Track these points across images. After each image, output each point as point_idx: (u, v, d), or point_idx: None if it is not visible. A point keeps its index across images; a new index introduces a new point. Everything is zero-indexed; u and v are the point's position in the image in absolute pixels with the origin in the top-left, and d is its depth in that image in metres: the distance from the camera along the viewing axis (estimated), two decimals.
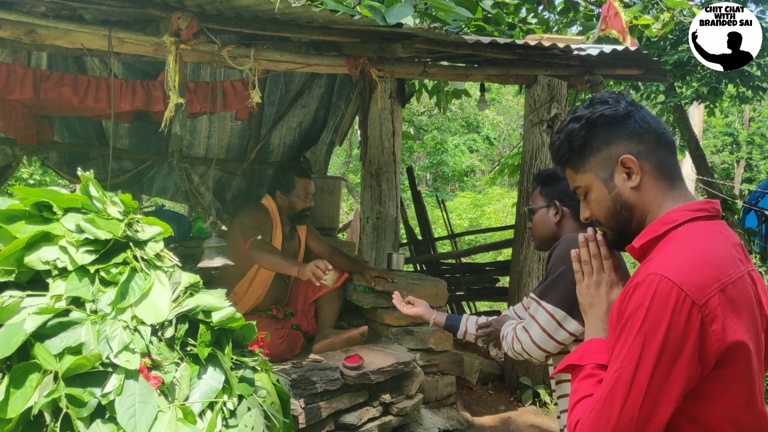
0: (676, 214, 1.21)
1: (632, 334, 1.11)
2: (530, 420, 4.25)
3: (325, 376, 3.22)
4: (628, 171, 1.26)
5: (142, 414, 1.81)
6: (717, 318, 1.07)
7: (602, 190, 1.30)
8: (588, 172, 1.32)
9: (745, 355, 1.10)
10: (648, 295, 1.10)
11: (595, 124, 1.30)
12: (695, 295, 1.07)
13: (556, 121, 4.37)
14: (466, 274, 6.16)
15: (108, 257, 2.04)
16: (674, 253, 1.14)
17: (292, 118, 5.47)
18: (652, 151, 1.26)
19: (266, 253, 3.64)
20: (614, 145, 1.28)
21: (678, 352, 1.07)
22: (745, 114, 23.22)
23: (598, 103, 1.31)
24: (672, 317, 1.07)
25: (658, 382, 1.08)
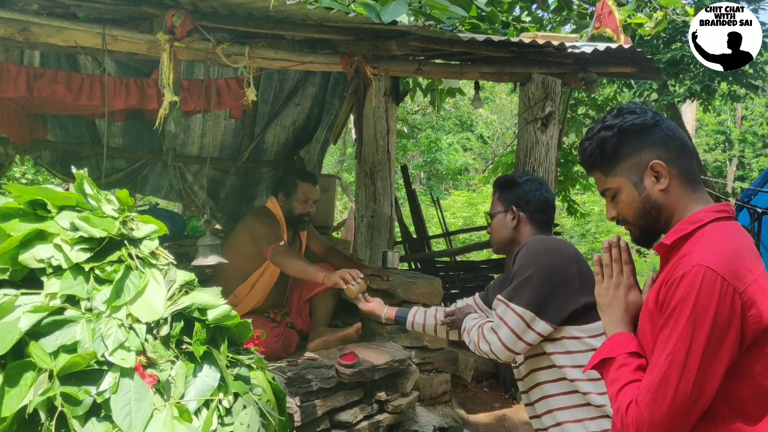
0: (702, 215, 1.35)
1: (682, 321, 1.24)
2: (525, 417, 4.26)
3: (321, 374, 3.22)
4: (656, 175, 1.40)
5: (137, 412, 1.81)
6: (755, 303, 1.22)
7: (633, 192, 1.43)
8: (619, 175, 1.45)
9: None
10: (695, 284, 1.23)
11: (626, 133, 1.42)
12: (736, 283, 1.22)
13: (550, 118, 4.38)
14: (460, 272, 6.17)
15: (103, 255, 2.04)
16: (712, 248, 1.27)
17: (286, 117, 5.47)
18: (677, 157, 1.40)
19: (292, 258, 3.61)
20: (644, 151, 1.41)
21: (724, 335, 1.21)
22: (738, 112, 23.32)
23: (628, 112, 1.44)
24: (718, 303, 1.21)
25: (708, 362, 1.22)
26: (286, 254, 3.63)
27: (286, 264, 3.61)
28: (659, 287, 1.32)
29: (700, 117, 20.76)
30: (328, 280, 3.33)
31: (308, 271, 3.55)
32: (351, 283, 3.22)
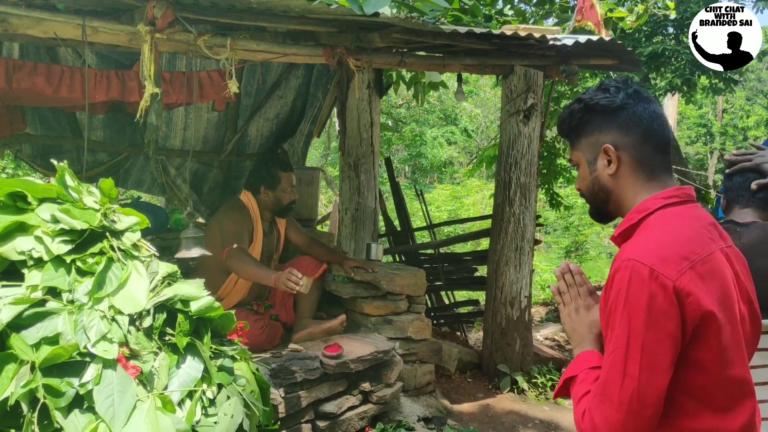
0: (650, 202, 1.34)
1: (617, 317, 1.23)
2: (508, 406, 4.30)
3: (305, 366, 3.23)
4: (608, 158, 1.39)
5: (120, 403, 1.81)
6: (691, 291, 1.19)
7: (586, 169, 1.45)
8: (579, 150, 1.46)
9: (716, 324, 1.22)
10: (625, 279, 1.22)
11: (591, 110, 1.41)
12: (668, 273, 1.19)
13: (532, 111, 4.41)
14: (444, 264, 6.19)
15: (84, 247, 2.03)
16: (645, 239, 1.27)
17: (270, 110, 5.45)
18: (636, 144, 1.37)
19: (243, 264, 3.63)
20: (603, 132, 1.40)
21: (662, 326, 1.19)
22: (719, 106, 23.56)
23: (600, 90, 1.42)
24: (650, 295, 1.19)
25: (649, 356, 1.19)
26: (239, 258, 3.64)
27: (238, 268, 3.63)
28: (604, 293, 1.30)
29: (682, 110, 20.94)
30: (278, 285, 3.39)
31: (260, 275, 3.59)
32: (296, 288, 3.25)
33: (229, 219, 3.86)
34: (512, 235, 4.64)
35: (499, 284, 4.72)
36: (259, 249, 3.99)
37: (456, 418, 4.02)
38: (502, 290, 4.70)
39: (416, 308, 4.19)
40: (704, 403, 1.25)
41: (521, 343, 4.73)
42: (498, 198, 4.74)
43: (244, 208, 3.98)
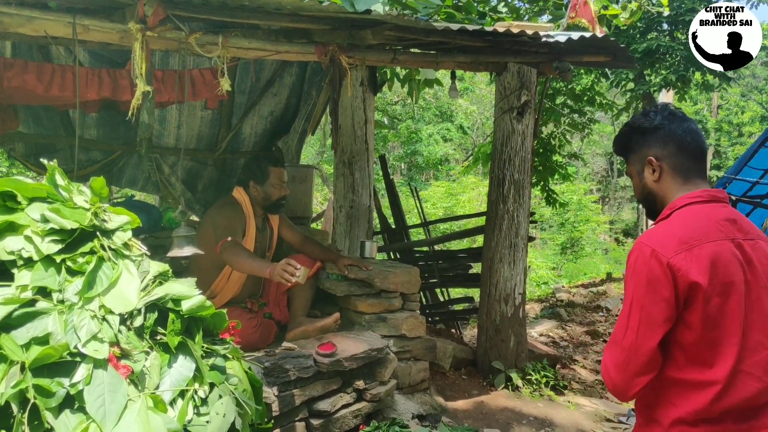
0: (679, 201, 1.69)
1: (627, 285, 1.62)
2: (503, 403, 4.31)
3: (299, 364, 3.23)
4: (652, 168, 1.75)
5: (111, 403, 1.80)
6: (682, 267, 1.53)
7: (637, 179, 1.81)
8: (631, 164, 1.83)
9: (702, 293, 1.53)
10: (634, 256, 1.61)
11: (636, 131, 1.79)
12: (664, 252, 1.55)
13: (526, 108, 4.41)
14: (439, 261, 6.19)
15: (74, 247, 2.03)
16: (659, 228, 1.65)
17: (264, 107, 5.44)
18: (672, 155, 1.73)
19: (238, 256, 3.62)
20: (647, 147, 1.76)
21: (657, 290, 1.54)
22: (713, 102, 23.62)
23: (642, 115, 1.80)
24: (649, 268, 1.56)
25: (647, 313, 1.56)
26: (233, 251, 3.63)
27: (233, 261, 3.62)
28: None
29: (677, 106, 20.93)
30: (273, 276, 3.37)
31: (254, 266, 3.58)
32: (293, 278, 3.25)
33: (222, 215, 3.85)
34: (506, 232, 4.64)
35: (493, 281, 4.72)
36: (252, 245, 3.98)
37: (450, 416, 4.02)
38: (496, 287, 4.70)
39: (410, 306, 4.19)
40: (692, 357, 1.57)
41: (515, 340, 4.74)
42: (492, 195, 4.74)
43: (237, 204, 3.98)
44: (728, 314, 1.55)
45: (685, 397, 1.57)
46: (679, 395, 1.59)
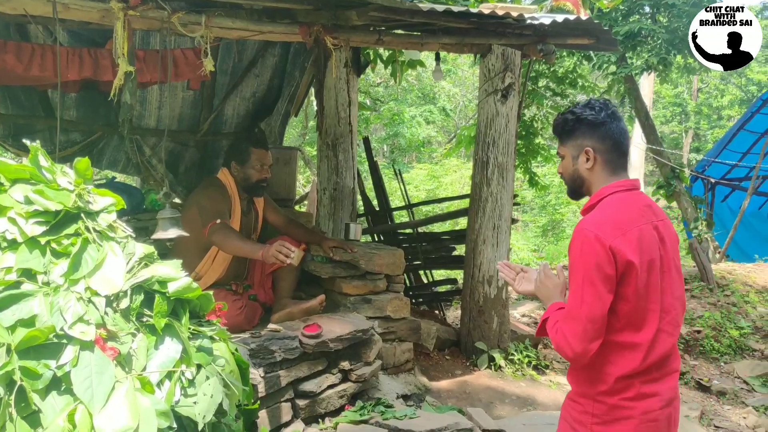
0: (605, 190, 1.96)
1: (576, 266, 1.87)
2: (485, 383, 4.36)
3: (284, 345, 3.24)
4: (587, 157, 1.98)
5: (99, 385, 1.80)
6: (620, 249, 1.82)
7: (570, 162, 2.04)
8: (566, 147, 2.04)
9: (635, 270, 1.83)
10: (578, 241, 1.86)
11: (580, 122, 1.99)
12: (605, 237, 1.82)
13: (510, 90, 4.42)
14: (422, 243, 6.21)
15: (59, 228, 2.01)
16: (595, 215, 1.91)
17: (246, 88, 5.38)
18: (607, 150, 1.97)
19: (228, 238, 3.60)
20: (586, 139, 1.99)
21: (603, 269, 1.82)
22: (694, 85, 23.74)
23: (590, 108, 1.99)
24: (595, 250, 1.82)
25: (596, 288, 1.82)
26: (223, 233, 3.62)
27: (223, 243, 3.60)
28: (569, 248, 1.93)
29: (658, 89, 21.09)
30: (266, 258, 3.36)
31: (246, 249, 3.57)
32: (288, 259, 3.23)
33: (207, 196, 3.82)
34: (490, 214, 4.67)
35: (476, 263, 4.76)
36: (237, 227, 3.97)
37: (434, 395, 4.07)
38: (479, 269, 4.74)
39: (395, 287, 4.21)
40: (627, 322, 1.88)
41: (498, 321, 4.79)
42: (476, 177, 4.76)
43: (222, 185, 3.95)
44: (651, 285, 1.88)
45: (622, 356, 1.89)
46: (616, 355, 1.90)
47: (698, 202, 11.31)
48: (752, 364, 5.66)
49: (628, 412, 1.90)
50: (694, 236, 9.40)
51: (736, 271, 7.95)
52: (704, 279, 7.16)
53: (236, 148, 4.00)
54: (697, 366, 5.64)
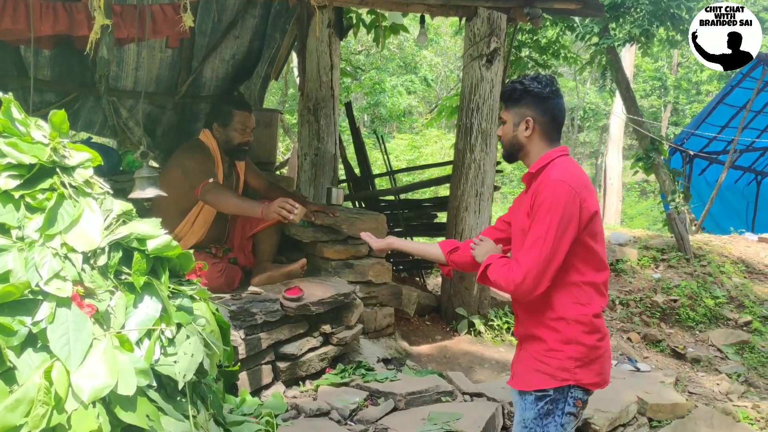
0: (552, 154, 2.16)
1: (543, 213, 2.03)
2: (465, 348, 4.39)
3: (265, 308, 3.22)
4: (527, 126, 2.15)
5: (76, 342, 1.76)
6: (585, 201, 2.04)
7: (510, 127, 2.20)
8: (510, 113, 2.20)
9: (598, 218, 2.09)
10: (554, 191, 2.03)
11: (527, 92, 2.16)
12: (577, 190, 2.03)
13: (495, 55, 4.37)
14: (404, 210, 6.19)
15: (33, 183, 1.94)
16: (563, 171, 2.08)
17: (225, 50, 5.26)
18: (546, 123, 2.16)
19: (224, 197, 3.53)
20: (529, 109, 2.16)
21: (570, 220, 2.02)
22: (674, 59, 23.80)
23: (537, 82, 2.16)
24: (567, 202, 2.02)
25: (559, 236, 2.02)
26: (217, 192, 3.55)
27: (218, 202, 3.53)
28: (531, 199, 2.10)
29: (638, 63, 21.12)
30: (267, 215, 3.29)
31: (243, 206, 3.50)
32: (291, 213, 3.19)
33: (191, 158, 3.73)
34: (473, 180, 4.65)
35: (458, 230, 4.75)
36: None
37: (415, 359, 4.09)
38: (461, 236, 4.73)
39: (377, 252, 4.19)
40: (588, 265, 2.11)
41: (479, 288, 4.80)
42: (459, 144, 4.73)
43: (205, 147, 3.86)
44: (600, 231, 2.15)
45: (594, 296, 2.12)
46: (583, 296, 2.11)
47: (676, 174, 11.42)
48: (726, 333, 5.77)
49: (599, 352, 2.14)
50: (671, 208, 9.51)
51: (712, 242, 8.07)
52: (681, 249, 7.25)
53: (219, 110, 3.91)
54: (672, 334, 5.73)
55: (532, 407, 2.14)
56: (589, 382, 2.13)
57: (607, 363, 2.19)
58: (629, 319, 5.88)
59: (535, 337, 2.17)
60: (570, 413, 2.14)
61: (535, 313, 2.16)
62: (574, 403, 2.13)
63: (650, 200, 21.87)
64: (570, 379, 2.10)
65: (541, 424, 2.13)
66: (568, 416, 2.14)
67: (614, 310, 6.01)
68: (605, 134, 22.14)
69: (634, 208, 21.08)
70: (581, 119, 24.69)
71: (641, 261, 7.09)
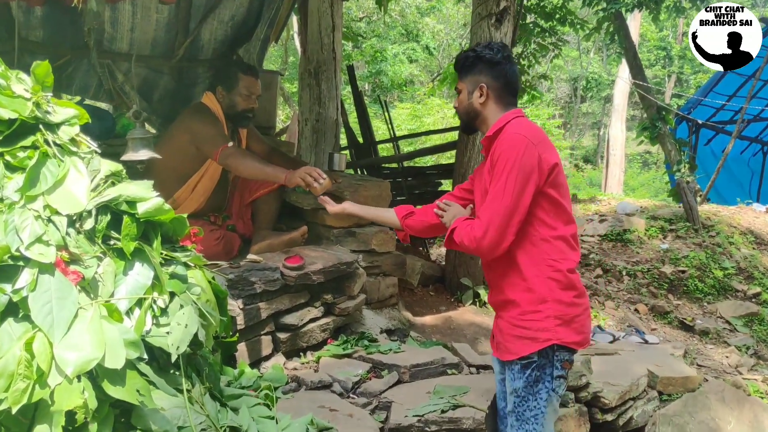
0: (508, 116, 2.18)
1: (501, 167, 2.04)
2: (470, 319, 4.29)
3: (265, 277, 3.09)
4: (481, 93, 2.20)
5: (60, 311, 1.64)
6: (544, 153, 2.06)
7: (465, 96, 2.25)
8: (464, 82, 2.25)
9: (559, 170, 2.10)
10: (510, 144, 2.05)
11: (479, 59, 2.21)
12: (534, 141, 2.05)
13: (505, 14, 4.18)
14: (408, 178, 6.05)
15: (14, 140, 1.80)
16: (520, 126, 2.12)
17: (224, 11, 5.07)
18: (500, 88, 2.20)
19: (247, 159, 3.39)
20: (482, 75, 2.21)
21: (530, 171, 2.03)
22: (679, 29, 23.44)
23: (488, 48, 2.21)
24: (525, 152, 2.03)
25: (520, 189, 2.02)
26: (238, 156, 3.41)
27: (240, 166, 3.39)
28: (490, 161, 2.13)
29: (643, 32, 20.80)
30: (291, 181, 3.18)
31: (266, 171, 3.36)
32: (317, 182, 3.07)
33: (200, 120, 3.57)
34: (480, 146, 4.50)
35: None
36: None
37: (419, 330, 3.98)
38: None
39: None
40: (556, 218, 2.11)
41: None
42: None
43: (210, 110, 3.71)
44: (564, 184, 2.15)
45: (565, 250, 2.11)
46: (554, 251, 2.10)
47: (682, 144, 11.23)
48: (735, 305, 5.67)
49: (577, 309, 2.11)
50: (677, 179, 9.36)
51: (720, 213, 7.94)
52: (690, 219, 7.12)
53: (224, 72, 3.75)
54: (680, 305, 5.63)
55: (520, 376, 2.15)
56: (571, 341, 2.11)
57: (587, 321, 2.17)
58: (636, 290, 5.77)
59: (510, 301, 2.15)
60: (559, 376, 2.15)
61: (507, 276, 2.15)
62: (561, 365, 2.13)
63: (652, 171, 21.75)
64: (552, 339, 2.08)
65: (533, 391, 2.14)
66: (558, 380, 2.15)
67: (621, 281, 5.90)
68: (608, 105, 21.91)
69: (636, 179, 20.93)
70: (584, 89, 24.43)
71: (648, 231, 6.96)
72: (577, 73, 23.53)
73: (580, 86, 24.61)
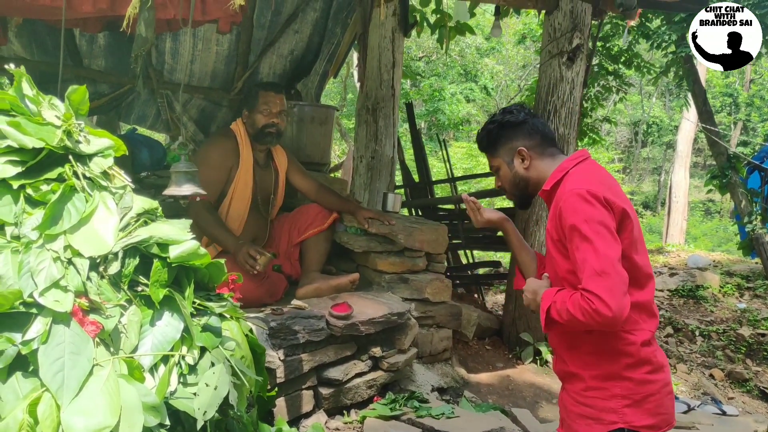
0: (566, 164, 1.91)
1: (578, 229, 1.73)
2: (530, 379, 3.95)
3: (309, 326, 2.86)
4: (522, 157, 1.96)
5: (72, 368, 1.44)
6: (611, 199, 1.75)
7: (507, 169, 2.00)
8: (498, 157, 2.01)
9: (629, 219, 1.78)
10: (572, 200, 1.76)
11: (504, 127, 1.99)
12: (597, 192, 1.74)
13: (578, 53, 3.92)
14: (465, 221, 5.78)
15: (39, 171, 1.64)
16: (574, 179, 1.84)
17: (284, 45, 5.00)
18: (538, 144, 1.97)
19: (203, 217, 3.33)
20: (515, 140, 1.97)
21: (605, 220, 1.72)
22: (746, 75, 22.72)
23: (507, 113, 2.01)
24: (593, 204, 1.73)
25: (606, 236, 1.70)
26: (199, 210, 3.32)
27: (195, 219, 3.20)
28: (554, 221, 1.84)
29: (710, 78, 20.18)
30: (237, 258, 3.21)
31: (221, 237, 3.38)
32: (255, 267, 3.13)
33: (203, 158, 3.47)
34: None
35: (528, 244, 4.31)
36: (249, 181, 3.62)
37: (473, 389, 3.66)
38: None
39: (435, 267, 3.80)
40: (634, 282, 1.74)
41: None
42: None
43: (230, 135, 3.63)
44: (640, 240, 1.84)
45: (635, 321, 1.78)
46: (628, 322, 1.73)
47: (753, 195, 10.67)
48: None
49: (652, 387, 1.80)
50: (748, 231, 8.82)
51: None
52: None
53: (246, 94, 3.65)
54: (760, 372, 5.14)
55: None
56: (642, 425, 1.79)
57: (666, 399, 1.84)
58: (711, 353, 5.30)
59: (572, 374, 1.88)
60: None
61: (570, 345, 1.89)
62: None
63: (716, 220, 20.93)
64: (619, 422, 1.78)
65: None
66: None
67: (694, 342, 5.44)
68: (670, 150, 21.26)
69: (698, 228, 20.10)
70: (645, 134, 23.84)
71: (724, 288, 6.48)
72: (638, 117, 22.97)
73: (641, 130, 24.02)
